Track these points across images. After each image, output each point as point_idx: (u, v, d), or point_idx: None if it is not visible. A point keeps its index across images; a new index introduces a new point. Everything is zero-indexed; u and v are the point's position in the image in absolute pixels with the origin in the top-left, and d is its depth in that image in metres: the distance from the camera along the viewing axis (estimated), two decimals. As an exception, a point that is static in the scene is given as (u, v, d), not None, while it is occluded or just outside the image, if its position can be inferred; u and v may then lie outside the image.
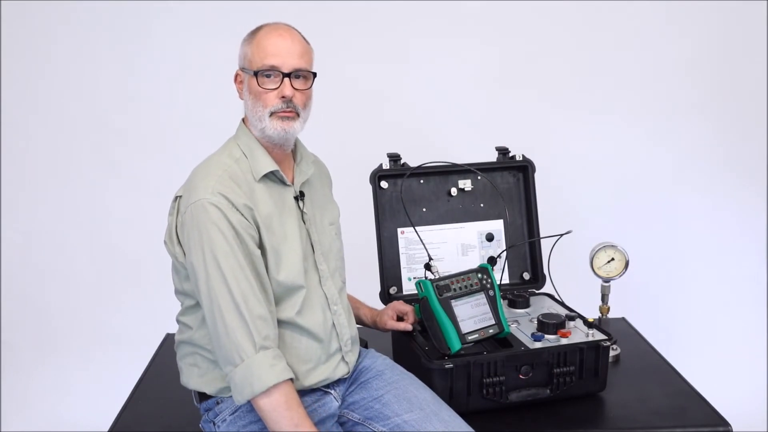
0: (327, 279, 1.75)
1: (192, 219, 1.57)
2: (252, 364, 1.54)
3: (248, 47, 1.66)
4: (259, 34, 1.66)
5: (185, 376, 1.75)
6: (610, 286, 2.24)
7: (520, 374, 1.85)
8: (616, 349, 2.20)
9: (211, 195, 1.57)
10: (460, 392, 1.82)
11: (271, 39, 1.65)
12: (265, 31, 1.66)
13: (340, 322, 1.76)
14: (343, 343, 1.76)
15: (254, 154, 1.67)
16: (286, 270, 1.65)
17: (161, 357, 2.27)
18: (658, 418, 1.87)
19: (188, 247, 1.58)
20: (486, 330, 1.83)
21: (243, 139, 1.70)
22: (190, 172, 1.69)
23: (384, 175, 2.18)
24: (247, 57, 1.66)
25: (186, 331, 1.72)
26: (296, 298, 1.67)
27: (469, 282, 1.86)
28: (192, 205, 1.57)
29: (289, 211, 1.70)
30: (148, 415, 1.96)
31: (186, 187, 1.65)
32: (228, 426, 1.67)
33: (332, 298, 1.75)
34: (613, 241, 2.22)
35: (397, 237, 2.20)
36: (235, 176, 1.63)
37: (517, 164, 2.26)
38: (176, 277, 1.70)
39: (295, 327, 1.67)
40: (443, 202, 2.24)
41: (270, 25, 1.68)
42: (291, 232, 1.68)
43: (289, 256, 1.66)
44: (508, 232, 2.27)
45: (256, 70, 1.64)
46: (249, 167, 1.66)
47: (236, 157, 1.67)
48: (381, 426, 1.71)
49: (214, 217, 1.55)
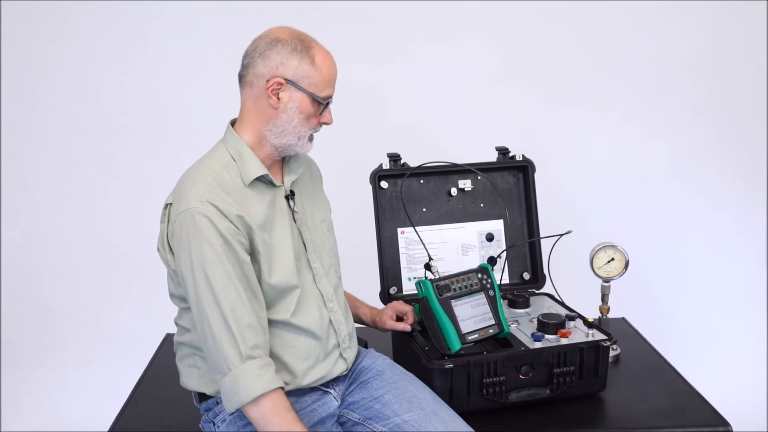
0: (321, 277, 1.75)
1: (181, 228, 1.56)
2: (239, 375, 1.54)
3: (308, 66, 1.61)
4: (317, 56, 1.62)
5: (185, 377, 1.75)
6: (610, 286, 2.24)
7: (520, 374, 1.85)
8: (616, 349, 2.20)
9: (199, 203, 1.56)
10: (460, 392, 1.82)
11: (329, 66, 1.65)
12: (321, 54, 1.64)
13: (336, 319, 1.76)
14: (341, 339, 1.76)
15: (243, 158, 1.66)
16: (279, 273, 1.65)
17: (161, 357, 2.27)
18: (658, 418, 1.87)
19: (178, 256, 1.58)
20: (486, 330, 1.83)
21: (231, 142, 1.68)
22: (180, 178, 1.68)
23: (384, 175, 2.17)
24: (307, 77, 1.62)
25: (184, 333, 1.72)
26: (290, 299, 1.67)
27: (469, 282, 1.86)
28: (181, 213, 1.56)
29: (280, 213, 1.70)
30: (148, 415, 1.96)
31: (175, 194, 1.63)
32: (228, 426, 1.68)
33: (327, 296, 1.75)
34: (613, 241, 2.22)
35: (397, 237, 2.20)
36: (223, 183, 1.61)
37: (517, 164, 2.26)
38: (171, 282, 1.69)
39: (291, 327, 1.67)
40: (443, 202, 2.24)
41: (322, 47, 1.65)
42: (283, 233, 1.68)
43: (281, 259, 1.65)
44: (508, 232, 2.27)
45: (321, 96, 1.63)
46: (238, 172, 1.65)
47: (225, 162, 1.65)
48: (381, 426, 1.71)
49: (202, 226, 1.55)
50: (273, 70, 1.62)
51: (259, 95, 1.64)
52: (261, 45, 1.63)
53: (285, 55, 1.61)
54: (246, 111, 1.68)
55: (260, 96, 1.64)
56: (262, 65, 1.62)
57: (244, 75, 1.66)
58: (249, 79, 1.65)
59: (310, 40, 1.65)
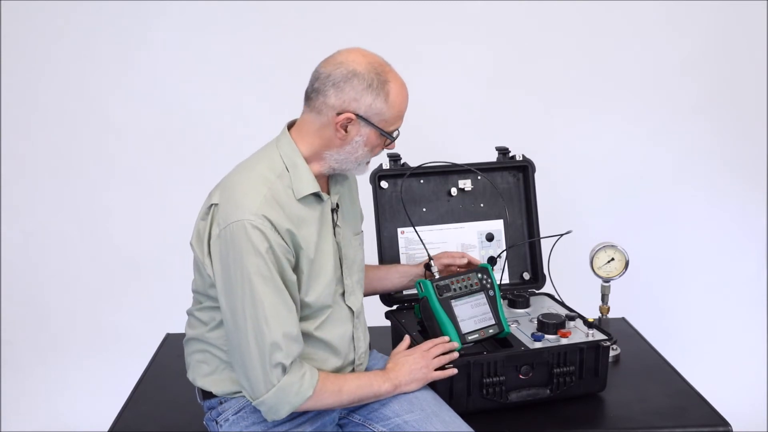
0: (351, 293, 1.75)
1: (232, 238, 1.52)
2: (284, 386, 1.55)
3: (382, 104, 1.58)
4: (392, 92, 1.58)
5: (192, 372, 1.74)
6: (610, 286, 2.24)
7: (520, 374, 1.85)
8: (616, 349, 2.20)
9: (255, 217, 1.52)
10: (460, 392, 1.82)
11: (402, 101, 1.61)
12: (396, 88, 1.60)
13: (357, 336, 1.77)
14: (357, 356, 1.77)
15: (298, 171, 1.61)
16: (317, 292, 1.64)
17: (161, 357, 2.26)
18: (658, 418, 1.87)
19: (224, 265, 1.54)
20: (486, 330, 1.83)
21: (287, 150, 1.63)
22: (228, 176, 1.64)
23: (384, 175, 2.18)
24: (379, 114, 1.58)
25: (199, 327, 1.70)
26: (320, 315, 1.67)
27: (469, 282, 1.86)
28: (234, 223, 1.52)
29: (326, 229, 1.67)
30: (148, 415, 1.96)
31: (225, 197, 1.57)
32: (231, 426, 1.68)
33: (356, 312, 1.76)
34: (613, 241, 2.22)
35: (397, 237, 2.20)
36: (278, 196, 1.57)
37: (517, 164, 2.26)
38: (199, 279, 1.66)
39: (313, 339, 1.67)
40: (443, 202, 2.24)
41: (398, 79, 1.61)
42: (327, 252, 1.66)
43: (321, 279, 1.64)
44: (508, 232, 2.27)
45: (389, 131, 1.62)
46: (290, 183, 1.61)
47: (278, 171, 1.61)
48: (381, 426, 1.71)
49: (255, 240, 1.51)
50: (345, 104, 1.57)
51: (326, 123, 1.60)
52: (336, 74, 1.57)
53: (360, 90, 1.56)
54: (308, 129, 1.63)
55: (327, 125, 1.60)
56: (334, 97, 1.57)
57: (312, 98, 1.60)
58: (317, 105, 1.59)
59: (387, 71, 1.60)
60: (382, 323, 2.15)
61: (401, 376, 1.72)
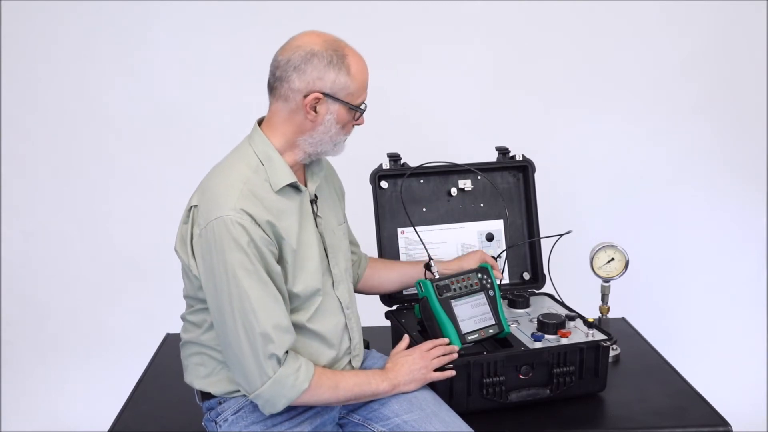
0: (339, 283, 1.75)
1: (213, 236, 1.53)
2: (280, 378, 1.56)
3: (345, 77, 1.58)
4: (352, 65, 1.59)
5: (190, 375, 1.74)
6: (610, 286, 2.24)
7: (520, 374, 1.85)
8: (616, 349, 2.20)
9: (233, 212, 1.53)
10: (460, 392, 1.82)
11: (363, 71, 1.62)
12: (355, 61, 1.60)
13: (351, 326, 1.76)
14: (353, 346, 1.77)
15: (273, 164, 1.63)
16: (304, 281, 1.64)
17: (161, 357, 2.26)
18: (658, 418, 1.87)
19: (207, 264, 1.55)
20: (486, 330, 1.83)
21: (260, 146, 1.64)
22: (205, 178, 1.65)
23: (384, 175, 2.18)
24: (345, 88, 1.59)
25: (193, 330, 1.71)
26: (311, 305, 1.67)
27: (469, 282, 1.86)
28: (214, 221, 1.53)
29: (306, 219, 1.68)
30: (148, 415, 1.96)
31: (204, 198, 1.59)
32: (230, 426, 1.68)
33: (345, 302, 1.75)
34: (613, 241, 2.22)
35: (397, 237, 2.20)
36: (255, 189, 1.58)
37: (517, 164, 2.26)
38: (188, 283, 1.67)
39: (306, 331, 1.67)
40: (443, 202, 2.24)
41: (355, 53, 1.62)
42: (309, 241, 1.67)
43: (306, 267, 1.65)
44: (508, 232, 2.27)
45: (357, 104, 1.62)
46: (266, 176, 1.62)
47: (254, 166, 1.62)
48: (381, 426, 1.71)
49: (236, 235, 1.52)
50: (310, 85, 1.58)
51: (294, 109, 1.61)
52: (295, 58, 1.58)
53: (321, 69, 1.57)
54: (278, 120, 1.64)
55: (296, 110, 1.61)
56: (298, 80, 1.58)
57: (276, 87, 1.61)
58: (283, 93, 1.60)
59: (343, 47, 1.61)
60: (382, 323, 2.15)
61: (400, 376, 1.72)
